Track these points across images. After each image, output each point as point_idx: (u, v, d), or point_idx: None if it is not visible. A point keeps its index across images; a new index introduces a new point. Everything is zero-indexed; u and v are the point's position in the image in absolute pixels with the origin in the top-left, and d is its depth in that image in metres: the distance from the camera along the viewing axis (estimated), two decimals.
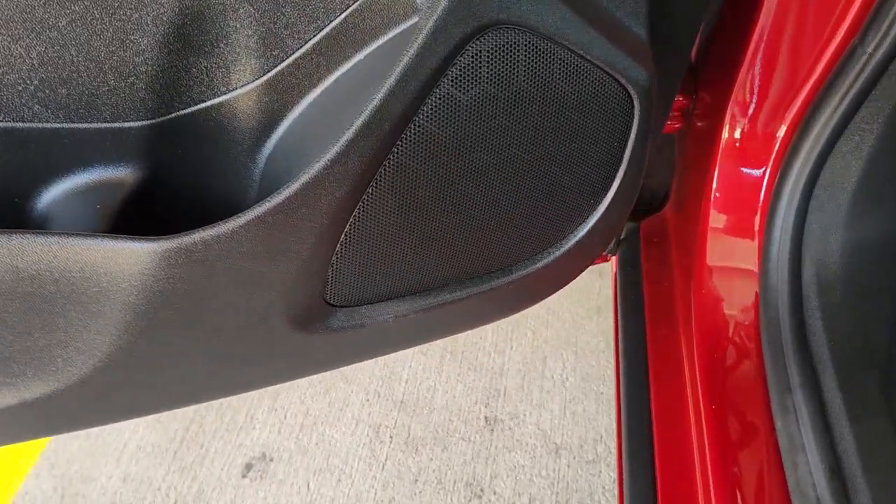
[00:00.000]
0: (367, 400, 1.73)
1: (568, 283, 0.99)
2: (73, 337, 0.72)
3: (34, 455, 1.62)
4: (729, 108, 1.11)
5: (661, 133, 0.97)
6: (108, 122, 0.73)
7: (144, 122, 0.74)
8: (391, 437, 1.66)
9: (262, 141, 0.79)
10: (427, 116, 0.71)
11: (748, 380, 1.04)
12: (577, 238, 0.90)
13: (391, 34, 0.73)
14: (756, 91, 1.09)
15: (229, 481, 1.57)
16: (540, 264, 0.91)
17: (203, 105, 0.75)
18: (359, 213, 0.74)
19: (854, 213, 1.07)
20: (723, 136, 1.12)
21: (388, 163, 0.72)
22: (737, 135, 1.12)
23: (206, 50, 0.71)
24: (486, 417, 1.69)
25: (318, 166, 0.68)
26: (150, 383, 0.79)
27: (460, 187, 0.77)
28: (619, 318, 1.32)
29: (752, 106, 1.10)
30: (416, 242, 0.80)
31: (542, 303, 1.95)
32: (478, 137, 0.74)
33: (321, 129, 0.75)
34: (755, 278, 1.07)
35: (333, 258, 0.77)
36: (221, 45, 0.71)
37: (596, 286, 1.99)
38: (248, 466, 1.60)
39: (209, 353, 0.78)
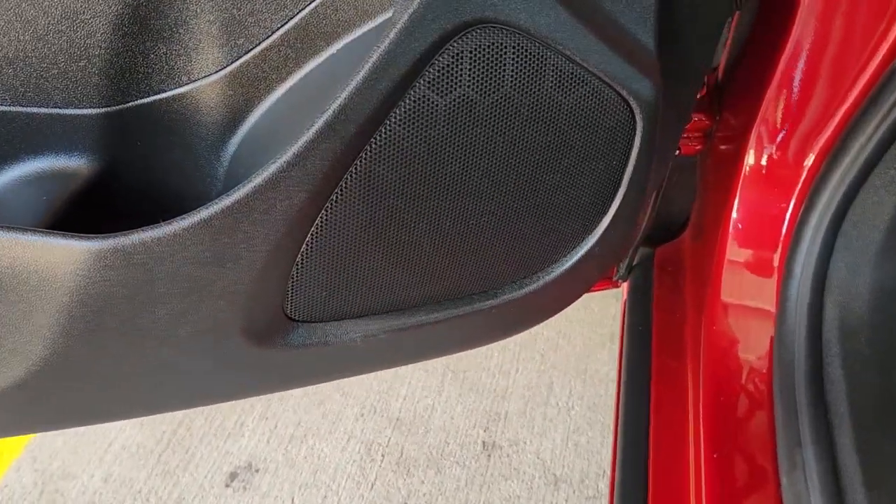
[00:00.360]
0: (362, 415, 1.66)
1: (560, 310, 0.92)
2: (4, 337, 0.66)
3: (19, 448, 1.59)
4: (754, 131, 1.03)
5: (672, 154, 0.89)
6: (58, 107, 0.68)
7: (99, 110, 0.69)
8: (383, 455, 1.59)
9: (226, 137, 0.73)
10: (400, 120, 0.64)
11: (755, 428, 0.95)
12: (569, 263, 0.83)
13: (367, 27, 0.66)
14: (784, 115, 1.00)
15: (211, 490, 1.52)
16: (528, 289, 0.83)
17: (163, 95, 0.69)
18: (322, 222, 0.68)
19: (885, 254, 0.97)
20: (746, 162, 1.04)
21: (356, 169, 0.65)
22: (761, 161, 1.03)
23: (165, 35, 0.66)
24: (483, 442, 1.61)
25: (272, 168, 0.62)
26: (92, 391, 0.73)
27: (437, 200, 0.70)
28: (625, 346, 1.24)
29: (780, 131, 1.01)
30: (388, 258, 0.73)
31: (552, 325, 1.87)
32: (457, 147, 0.67)
33: (290, 128, 0.69)
34: (771, 319, 0.98)
35: (294, 270, 0.70)
36: (181, 30, 0.65)
37: (611, 311, 1.90)
38: (233, 475, 1.54)
39: (155, 363, 0.72)
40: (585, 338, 1.84)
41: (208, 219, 0.62)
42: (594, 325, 1.87)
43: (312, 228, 0.68)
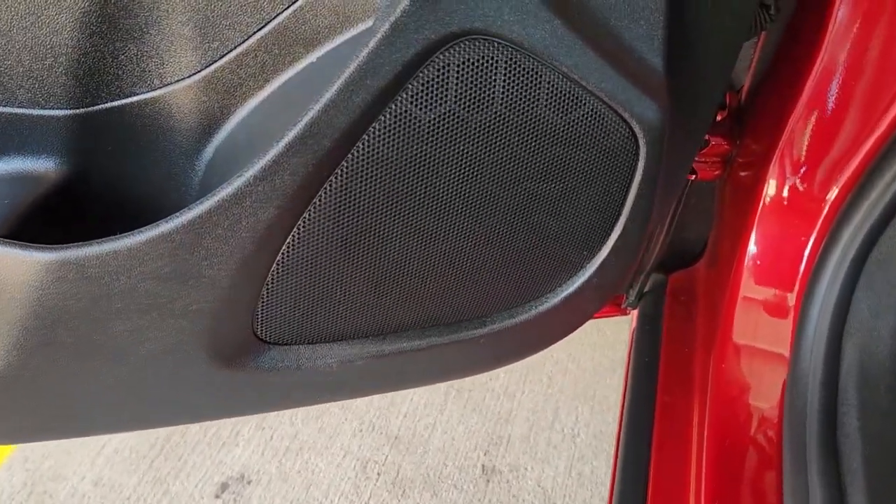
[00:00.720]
0: (360, 430, 1.62)
1: (554, 342, 0.86)
2: None
3: (12, 446, 1.57)
4: (775, 159, 0.97)
5: (682, 181, 0.83)
6: (24, 107, 0.64)
7: (67, 112, 0.65)
8: (379, 474, 1.54)
9: (201, 145, 0.69)
10: (379, 136, 0.59)
11: (761, 480, 0.89)
12: (564, 294, 0.77)
13: (349, 34, 0.62)
14: (809, 143, 0.94)
15: (201, 500, 1.48)
16: (520, 318, 0.78)
17: (134, 98, 0.65)
18: (294, 241, 0.63)
19: None
20: (765, 192, 0.97)
21: (330, 186, 0.61)
22: (782, 191, 0.97)
23: (135, 35, 0.62)
24: (483, 466, 1.56)
25: (237, 183, 0.58)
26: (48, 407, 0.69)
27: (419, 223, 0.65)
28: (630, 378, 1.18)
29: (803, 159, 0.95)
30: (366, 281, 0.68)
31: (561, 347, 1.80)
32: (441, 166, 0.62)
33: (267, 138, 0.65)
34: (785, 363, 0.92)
35: (264, 289, 0.66)
36: (152, 30, 0.62)
37: (624, 335, 1.83)
38: (224, 486, 1.50)
39: (114, 381, 0.68)
40: (595, 362, 1.78)
41: (168, 233, 0.58)
42: (605, 348, 1.80)
43: (284, 247, 0.63)
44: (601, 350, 1.80)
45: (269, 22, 0.61)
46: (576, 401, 1.69)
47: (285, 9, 0.60)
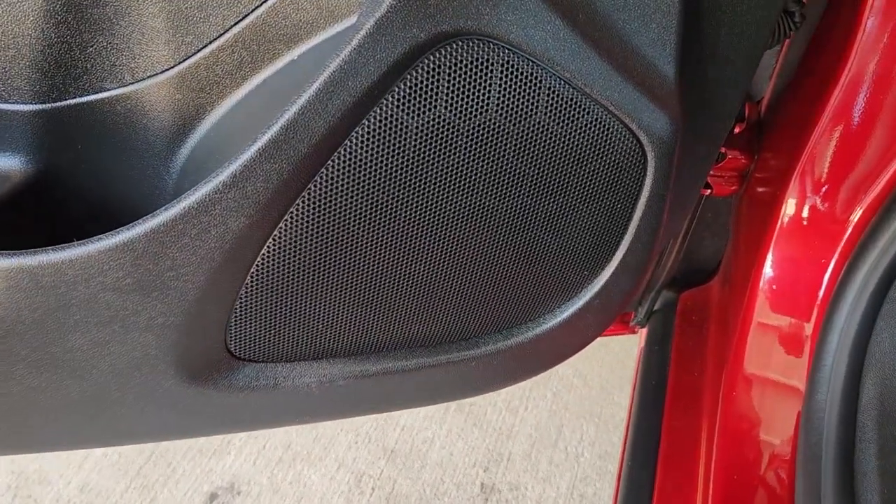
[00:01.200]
0: (356, 442, 1.57)
1: (552, 366, 0.81)
2: None
3: None
4: (795, 175, 0.91)
5: (694, 197, 0.78)
6: None
7: (33, 107, 0.61)
8: (373, 488, 1.49)
9: (175, 146, 0.64)
10: (362, 142, 0.54)
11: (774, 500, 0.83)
12: (564, 315, 0.72)
13: (332, 31, 0.57)
14: (832, 159, 0.88)
15: None
16: (515, 340, 0.73)
17: (104, 94, 0.61)
18: (269, 252, 0.58)
19: None
20: (783, 211, 0.92)
21: (309, 194, 0.56)
22: (801, 210, 0.91)
23: (104, 26, 0.57)
24: (482, 484, 1.50)
25: (205, 189, 0.53)
26: (6, 421, 0.65)
27: (405, 236, 0.60)
28: (635, 402, 1.12)
29: (825, 177, 0.89)
30: (348, 296, 0.63)
31: (568, 362, 1.75)
32: (430, 176, 0.57)
33: (244, 140, 0.60)
34: (800, 395, 0.86)
35: (237, 302, 0.61)
36: (122, 22, 0.57)
37: (633, 352, 1.77)
38: (213, 496, 1.46)
39: (77, 396, 0.63)
40: (603, 379, 1.72)
41: (129, 242, 0.54)
42: (613, 365, 1.75)
43: (258, 259, 0.59)
44: (609, 367, 1.74)
45: (246, 16, 0.57)
46: (581, 419, 1.63)
47: (264, 1, 0.56)
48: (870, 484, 0.78)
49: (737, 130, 1.04)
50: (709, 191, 1.03)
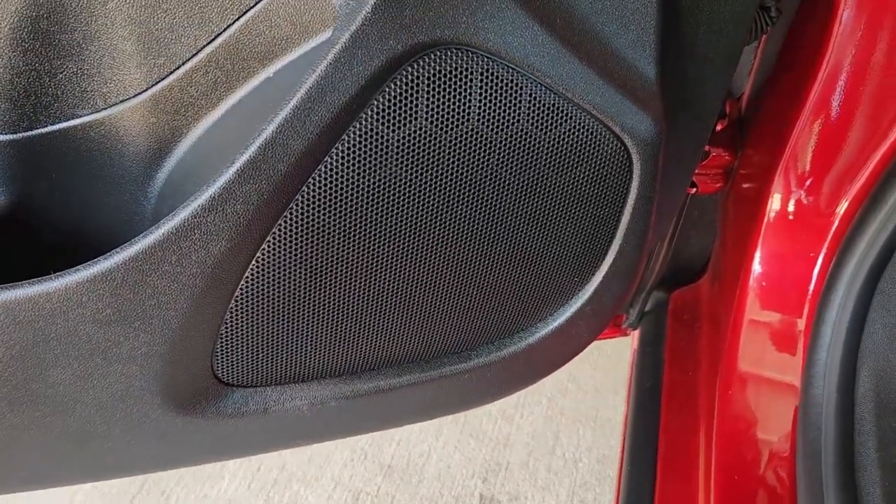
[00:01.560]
0: (352, 460, 1.55)
1: (547, 374, 0.80)
2: None
3: None
4: (779, 170, 0.91)
5: (681, 196, 0.77)
6: None
7: (3, 137, 0.59)
8: None
9: (151, 170, 0.63)
10: (343, 158, 0.53)
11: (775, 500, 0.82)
12: (556, 322, 0.71)
13: (308, 46, 0.56)
14: (815, 152, 0.88)
15: None
16: (507, 351, 0.72)
17: (77, 121, 0.60)
18: (253, 275, 0.57)
19: None
20: (769, 206, 0.91)
21: (291, 214, 0.55)
22: (787, 205, 0.91)
23: (74, 52, 0.56)
24: (481, 495, 1.49)
25: (184, 214, 0.52)
26: None
27: (392, 251, 0.59)
28: (631, 406, 1.11)
29: (808, 171, 0.89)
30: (335, 316, 0.62)
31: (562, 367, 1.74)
32: (414, 189, 0.56)
33: (222, 161, 0.59)
34: (796, 391, 0.85)
35: (222, 327, 0.60)
36: (92, 46, 0.56)
37: (626, 353, 1.77)
38: None
39: (61, 431, 0.62)
40: (597, 382, 1.71)
41: (107, 272, 0.52)
42: (607, 367, 1.74)
43: (241, 282, 0.57)
44: (603, 369, 1.73)
45: (218, 35, 0.55)
46: (577, 423, 1.62)
47: (236, 20, 0.54)
48: (871, 477, 0.78)
49: (719, 128, 1.04)
50: (694, 189, 1.02)
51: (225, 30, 0.55)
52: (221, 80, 0.58)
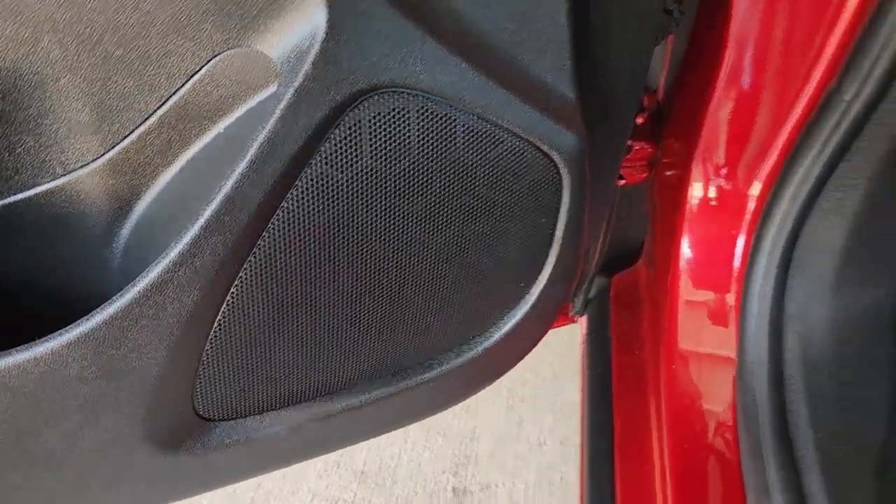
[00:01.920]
0: (325, 470, 1.59)
1: (506, 371, 0.86)
2: None
3: None
4: (696, 159, 0.98)
5: (610, 194, 0.84)
6: None
7: None
8: None
9: (116, 228, 0.66)
10: (298, 203, 0.58)
11: (724, 479, 0.90)
12: (509, 325, 0.77)
13: (254, 101, 0.60)
14: (726, 140, 0.95)
15: None
16: (466, 357, 0.77)
17: (38, 189, 0.62)
18: (224, 318, 0.61)
19: (841, 279, 0.92)
20: (690, 193, 0.99)
21: (254, 258, 0.59)
22: (707, 191, 0.98)
23: (30, 127, 0.59)
24: (454, 488, 1.55)
25: (157, 270, 0.55)
26: None
27: (351, 278, 0.64)
28: (586, 391, 1.18)
29: (723, 157, 0.96)
30: (304, 345, 0.67)
31: None
32: (365, 221, 0.61)
33: (181, 214, 0.63)
34: (732, 364, 0.93)
35: (200, 368, 0.64)
36: (47, 120, 0.59)
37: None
38: None
39: (52, 487, 0.65)
40: (554, 367, 1.78)
41: (90, 332, 0.56)
42: (563, 354, 1.81)
43: (215, 325, 0.61)
44: (559, 356, 1.81)
45: (168, 99, 0.59)
46: (538, 409, 1.69)
47: (184, 83, 0.58)
48: (803, 434, 0.86)
49: (640, 121, 1.11)
50: (623, 181, 1.10)
51: (174, 94, 0.59)
52: (175, 139, 0.61)
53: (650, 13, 0.74)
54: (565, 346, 1.83)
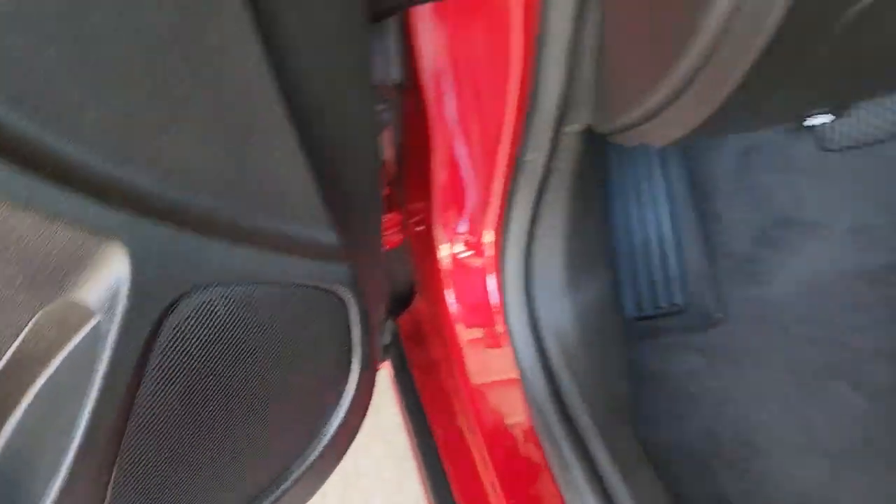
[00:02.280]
0: None
1: (347, 449, 1.01)
2: None
3: None
4: (434, 216, 1.16)
5: (382, 282, 1.00)
6: None
7: None
8: None
9: None
10: (141, 416, 0.68)
11: (537, 466, 1.11)
12: (337, 422, 0.92)
13: (80, 336, 0.68)
14: (451, 200, 1.14)
15: None
16: (311, 459, 0.91)
17: None
18: None
19: (570, 281, 1.16)
20: (438, 247, 1.17)
21: (119, 469, 0.68)
22: (452, 242, 1.17)
23: None
24: None
25: None
26: None
27: (192, 461, 0.75)
28: (407, 424, 1.36)
29: (453, 214, 1.15)
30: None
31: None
32: (195, 406, 0.72)
33: (37, 456, 0.70)
34: (518, 381, 1.13)
35: None
36: None
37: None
38: None
39: None
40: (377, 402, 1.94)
41: None
42: (382, 389, 1.97)
43: None
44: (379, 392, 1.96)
45: None
46: (367, 442, 1.84)
47: (11, 342, 0.65)
48: (578, 410, 1.10)
49: (386, 192, 1.29)
50: (385, 248, 1.27)
51: (3, 354, 0.65)
52: (12, 390, 0.67)
53: (369, 124, 0.88)
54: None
